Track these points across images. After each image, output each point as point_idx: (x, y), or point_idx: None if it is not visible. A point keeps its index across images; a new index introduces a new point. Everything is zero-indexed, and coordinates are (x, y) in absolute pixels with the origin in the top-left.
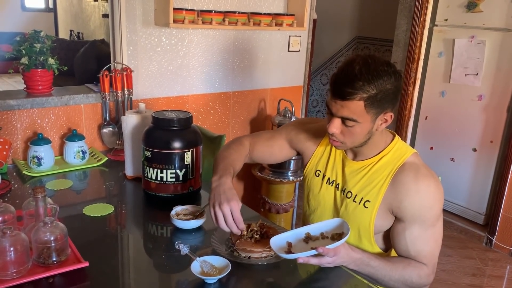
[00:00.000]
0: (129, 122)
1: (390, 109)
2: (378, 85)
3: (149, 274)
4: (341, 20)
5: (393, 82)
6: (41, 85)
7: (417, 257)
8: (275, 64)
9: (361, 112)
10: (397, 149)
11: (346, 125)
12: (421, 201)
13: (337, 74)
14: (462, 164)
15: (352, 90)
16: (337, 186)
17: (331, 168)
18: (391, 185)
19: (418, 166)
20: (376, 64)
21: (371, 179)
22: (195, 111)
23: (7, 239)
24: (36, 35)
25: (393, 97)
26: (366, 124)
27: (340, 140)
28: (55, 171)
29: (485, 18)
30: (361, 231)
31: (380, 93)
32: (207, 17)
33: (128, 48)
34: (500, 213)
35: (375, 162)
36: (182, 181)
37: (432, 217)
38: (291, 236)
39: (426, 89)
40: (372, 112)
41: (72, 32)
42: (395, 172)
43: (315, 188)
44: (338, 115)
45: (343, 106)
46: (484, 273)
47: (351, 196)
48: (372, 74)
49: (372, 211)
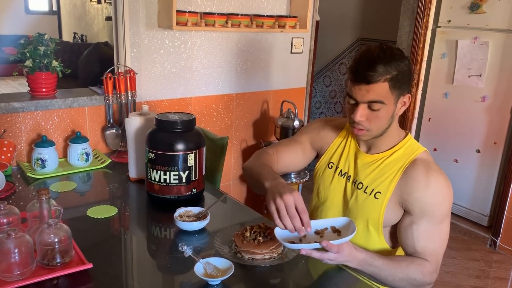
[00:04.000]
0: (133, 124)
1: (407, 91)
2: (396, 66)
3: (152, 275)
4: (344, 22)
5: (407, 64)
6: (45, 88)
7: (422, 253)
8: (278, 66)
9: (387, 93)
10: (410, 145)
11: (372, 109)
12: (431, 195)
13: (357, 62)
14: (466, 165)
15: (376, 73)
16: (348, 178)
17: (344, 161)
18: (402, 178)
19: (429, 163)
20: (391, 49)
21: (383, 171)
22: (198, 113)
23: (12, 241)
24: (40, 38)
25: (408, 79)
26: (390, 107)
27: (366, 127)
28: (59, 173)
29: (488, 19)
30: (370, 222)
31: (400, 74)
32: (210, 19)
33: (132, 51)
34: (504, 215)
35: (387, 156)
36: (185, 183)
37: (440, 214)
38: None
39: (429, 91)
40: (395, 93)
41: (76, 35)
42: (406, 166)
43: (327, 180)
44: (365, 100)
45: (369, 91)
46: (488, 275)
47: (362, 187)
48: (390, 57)
49: (382, 203)
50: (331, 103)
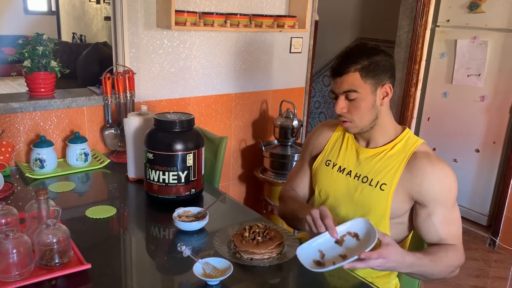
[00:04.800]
0: (131, 124)
1: (388, 82)
2: (368, 57)
3: (151, 276)
4: (343, 22)
5: (383, 57)
6: (43, 88)
7: (446, 239)
8: (277, 66)
9: (359, 82)
10: (409, 138)
11: (350, 99)
12: (440, 183)
13: (334, 60)
14: (465, 165)
15: (346, 64)
16: (349, 173)
17: (343, 157)
18: (407, 169)
19: (429, 153)
20: (365, 44)
21: (386, 163)
22: (197, 113)
23: (10, 241)
24: (39, 38)
25: (387, 70)
26: (368, 97)
27: (349, 118)
28: (57, 174)
29: (487, 19)
30: (378, 215)
31: (372, 64)
32: (209, 19)
33: (130, 51)
34: (503, 214)
35: (389, 148)
36: (184, 183)
37: (451, 199)
38: (320, 244)
39: (428, 90)
40: (369, 82)
41: (75, 35)
42: (408, 157)
43: (325, 178)
44: (341, 91)
45: (342, 82)
46: (487, 274)
47: (367, 180)
48: (361, 50)
49: (388, 194)
50: (330, 103)
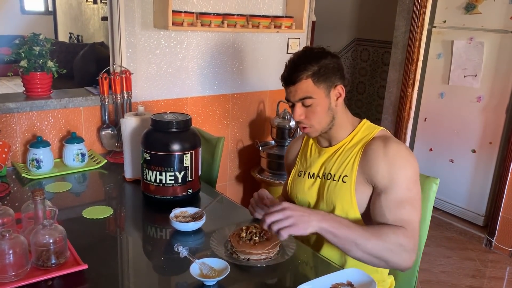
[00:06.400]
0: (128, 124)
1: (340, 83)
2: (317, 61)
3: (148, 276)
4: (340, 22)
5: (330, 59)
6: (40, 88)
7: (394, 222)
8: (274, 66)
9: (312, 88)
10: (367, 128)
11: (306, 106)
12: (391, 163)
13: (285, 68)
14: (462, 165)
15: (298, 72)
16: (318, 176)
17: (310, 163)
18: (363, 156)
19: (387, 137)
20: (311, 49)
21: (345, 156)
22: (194, 113)
23: (6, 242)
24: (35, 38)
25: (336, 71)
26: (323, 100)
27: (308, 124)
28: (54, 174)
29: (483, 20)
30: (346, 208)
31: (321, 68)
32: (206, 19)
33: (127, 51)
34: (499, 215)
35: (348, 141)
36: (181, 183)
37: (405, 180)
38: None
39: (425, 91)
40: (322, 86)
41: (72, 35)
42: (365, 144)
43: (300, 188)
44: (296, 99)
45: (296, 90)
46: (484, 274)
47: (331, 177)
48: (309, 56)
49: (350, 185)
50: None
